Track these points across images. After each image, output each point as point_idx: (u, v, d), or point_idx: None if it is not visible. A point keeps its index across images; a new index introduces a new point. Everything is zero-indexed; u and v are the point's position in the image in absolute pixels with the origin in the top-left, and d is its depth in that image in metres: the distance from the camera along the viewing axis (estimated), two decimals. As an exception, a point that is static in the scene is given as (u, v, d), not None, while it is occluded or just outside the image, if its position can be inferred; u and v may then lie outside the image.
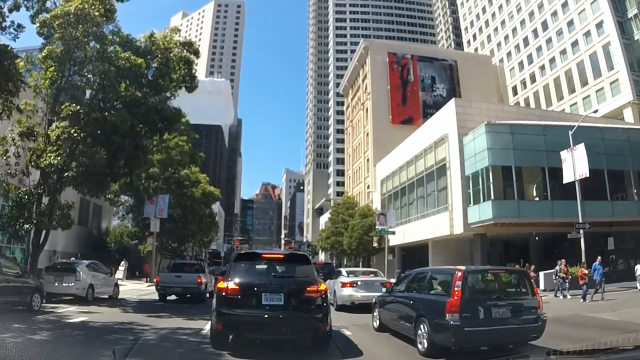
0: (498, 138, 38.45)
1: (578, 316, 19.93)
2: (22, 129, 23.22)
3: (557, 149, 34.87)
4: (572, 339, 12.81)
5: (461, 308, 10.52)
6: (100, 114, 23.88)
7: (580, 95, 68.16)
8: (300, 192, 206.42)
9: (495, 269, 14.67)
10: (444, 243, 45.54)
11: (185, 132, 49.70)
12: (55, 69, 23.57)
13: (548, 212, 37.16)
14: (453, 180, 42.44)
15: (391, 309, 14.15)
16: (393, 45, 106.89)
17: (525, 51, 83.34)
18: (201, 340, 12.76)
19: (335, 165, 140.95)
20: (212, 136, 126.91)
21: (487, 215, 37.42)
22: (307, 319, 11.14)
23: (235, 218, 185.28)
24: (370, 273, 26.48)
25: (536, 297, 11.46)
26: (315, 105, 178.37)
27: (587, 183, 33.44)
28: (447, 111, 44.89)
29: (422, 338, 11.28)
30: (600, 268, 27.16)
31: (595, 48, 65.53)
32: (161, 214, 43.75)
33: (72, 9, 22.50)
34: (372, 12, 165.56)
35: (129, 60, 23.66)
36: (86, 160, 24.38)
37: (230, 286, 11.04)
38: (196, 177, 54.02)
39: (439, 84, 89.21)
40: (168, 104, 27.22)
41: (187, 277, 26.14)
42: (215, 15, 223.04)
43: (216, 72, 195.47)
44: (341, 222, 69.20)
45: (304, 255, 14.19)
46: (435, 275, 13.14)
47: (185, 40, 28.38)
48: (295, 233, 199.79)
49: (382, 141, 73.98)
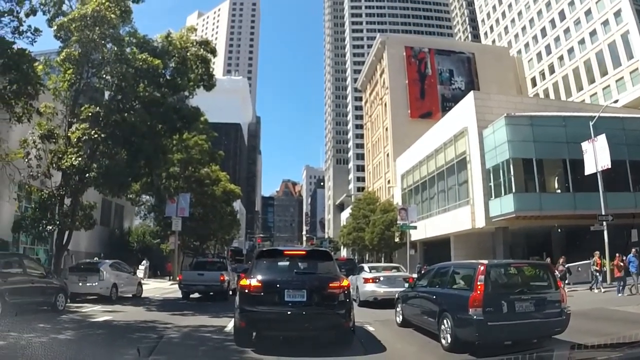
0: (518, 130, 38.12)
1: (603, 310, 19.73)
2: (43, 131, 23.42)
3: (577, 140, 34.38)
4: (597, 333, 12.69)
5: (484, 302, 10.46)
6: (119, 115, 24.09)
7: (600, 85, 67.23)
8: (321, 188, 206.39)
9: (518, 262, 14.54)
10: (465, 237, 45.30)
11: (205, 131, 49.83)
12: (74, 71, 23.76)
13: (570, 205, 36.71)
14: (474, 173, 42.18)
15: (414, 305, 14.12)
16: (410, 39, 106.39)
17: (544, 42, 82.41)
18: (224, 338, 12.82)
19: (355, 160, 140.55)
20: (231, 134, 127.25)
21: (509, 209, 37.14)
22: (330, 315, 11.16)
23: (256, 215, 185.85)
24: (393, 268, 26.47)
25: (560, 290, 11.36)
26: (333, 101, 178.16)
27: (609, 174, 32.95)
28: (466, 104, 44.61)
29: (445, 333, 11.24)
30: (636, 260, 26.52)
31: (614, 37, 64.59)
32: (182, 212, 43.97)
33: (89, 11, 22.65)
34: (387, 6, 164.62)
35: (147, 61, 23.78)
36: (107, 161, 24.60)
37: (253, 283, 11.09)
38: (216, 175, 54.19)
39: (457, 77, 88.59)
40: (186, 104, 27.38)
41: (209, 275, 26.30)
42: (231, 13, 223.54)
43: (233, 70, 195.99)
44: (362, 217, 69.05)
45: (326, 251, 14.22)
46: (457, 269, 13.08)
47: (201, 39, 28.49)
48: (316, 229, 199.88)
49: (401, 136, 73.67)
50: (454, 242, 47.29)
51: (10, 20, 19.87)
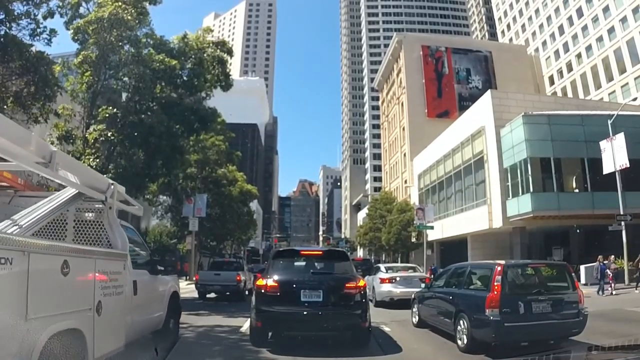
0: (536, 129, 37.90)
1: (621, 311, 19.56)
2: (61, 132, 23.53)
3: (596, 139, 34.10)
4: (615, 334, 12.57)
5: (501, 303, 10.39)
6: (136, 116, 24.24)
7: (619, 83, 66.47)
8: (338, 188, 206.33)
9: (536, 263, 14.42)
10: (483, 237, 45.08)
11: (222, 132, 50.00)
12: (91, 73, 23.88)
13: (588, 204, 36.40)
14: (491, 173, 41.98)
15: (430, 305, 14.08)
16: (426, 38, 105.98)
17: (561, 39, 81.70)
18: (240, 338, 12.87)
19: (372, 160, 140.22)
20: (248, 135, 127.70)
21: (527, 208, 36.93)
22: (347, 315, 11.15)
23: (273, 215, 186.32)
24: (409, 269, 26.42)
25: (577, 291, 11.27)
26: (350, 101, 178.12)
27: (628, 173, 32.63)
28: (484, 103, 44.40)
29: (461, 334, 11.19)
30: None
31: (632, 34, 63.72)
32: (200, 213, 44.17)
33: (106, 14, 22.80)
34: (404, 4, 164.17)
35: (164, 62, 23.92)
36: (124, 162, 24.72)
37: (269, 283, 11.11)
38: (233, 175, 54.35)
39: (474, 75, 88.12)
40: (203, 104, 27.45)
41: (226, 275, 26.39)
42: (247, 14, 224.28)
43: (250, 71, 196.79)
44: (379, 217, 68.97)
45: (342, 251, 14.23)
46: (474, 270, 13.00)
47: (218, 40, 28.62)
48: (333, 229, 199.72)
49: (418, 135, 73.40)
50: (471, 242, 47.07)
51: (28, 23, 20.03)
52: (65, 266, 5.62)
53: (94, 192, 7.66)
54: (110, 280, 7.22)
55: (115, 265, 7.55)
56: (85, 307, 6.23)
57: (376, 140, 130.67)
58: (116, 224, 8.27)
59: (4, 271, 4.41)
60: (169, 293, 10.91)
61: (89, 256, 6.63)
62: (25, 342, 4.73)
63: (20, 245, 4.70)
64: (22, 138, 5.57)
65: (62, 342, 5.47)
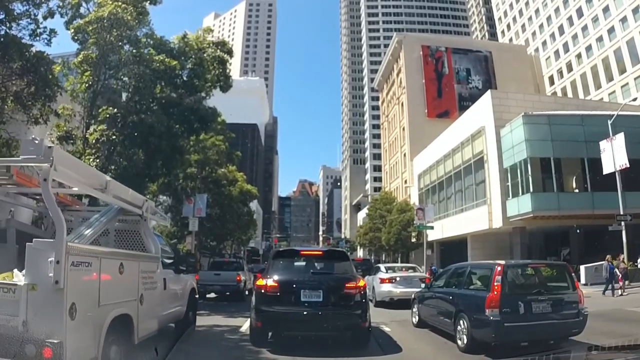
0: (536, 129, 37.91)
1: (621, 311, 19.56)
2: (61, 132, 23.53)
3: (596, 139, 34.10)
4: (615, 334, 12.58)
5: (501, 303, 10.42)
6: (137, 116, 24.25)
7: (619, 83, 66.40)
8: (338, 188, 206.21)
9: (536, 263, 14.43)
10: (483, 237, 45.07)
11: (222, 132, 49.94)
12: (91, 73, 23.88)
13: (588, 204, 36.38)
14: (491, 173, 41.98)
15: (430, 305, 14.11)
16: (426, 38, 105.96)
17: (561, 40, 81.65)
18: (240, 338, 12.91)
19: (372, 160, 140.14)
20: (248, 135, 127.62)
21: (527, 209, 36.93)
22: (346, 315, 11.18)
23: (273, 215, 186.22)
24: (409, 269, 26.46)
25: (577, 291, 11.28)
26: (350, 101, 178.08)
27: (628, 173, 32.62)
28: (484, 103, 44.39)
29: (461, 334, 11.22)
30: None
31: (632, 34, 63.62)
32: (200, 213, 44.10)
33: (106, 14, 22.80)
34: (404, 4, 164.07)
35: (164, 62, 23.97)
36: (124, 162, 24.70)
37: (269, 283, 11.14)
38: (233, 175, 54.29)
39: (474, 75, 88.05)
40: (203, 104, 27.47)
41: (226, 275, 26.45)
42: (247, 14, 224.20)
43: (250, 71, 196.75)
44: (379, 217, 68.95)
45: (342, 251, 14.25)
46: (474, 270, 13.03)
47: (218, 40, 28.67)
48: (333, 229, 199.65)
49: (418, 135, 73.33)
50: (471, 242, 47.06)
51: (28, 23, 20.03)
52: (122, 267, 7.90)
53: (133, 207, 9.80)
54: (149, 277, 9.46)
55: (152, 266, 9.83)
56: (133, 298, 8.41)
57: (376, 140, 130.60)
58: (150, 233, 10.50)
59: (86, 271, 6.67)
60: (189, 289, 13.29)
61: (136, 259, 8.85)
62: (98, 322, 6.91)
63: (96, 253, 7.07)
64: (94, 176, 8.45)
65: (119, 324, 7.53)
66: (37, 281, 5.99)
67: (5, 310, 5.93)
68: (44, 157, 6.35)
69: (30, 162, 6.64)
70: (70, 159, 7.67)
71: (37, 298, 5.93)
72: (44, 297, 5.94)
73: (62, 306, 6.02)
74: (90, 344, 6.70)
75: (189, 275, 13.63)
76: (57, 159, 6.53)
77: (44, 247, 6.19)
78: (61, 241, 6.13)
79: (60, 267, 5.99)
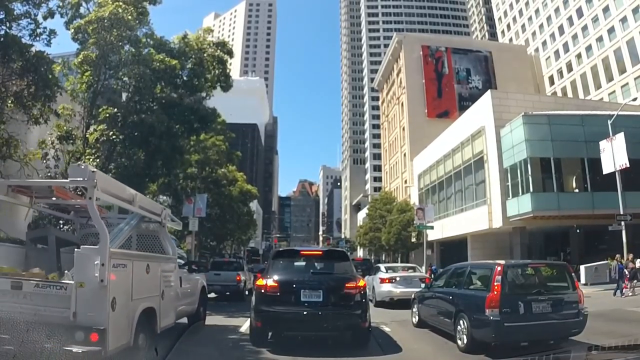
0: (536, 129, 37.89)
1: (621, 311, 19.57)
2: (61, 132, 23.50)
3: (596, 139, 34.02)
4: (615, 334, 12.59)
5: (501, 303, 10.42)
6: (137, 116, 24.23)
7: (619, 83, 66.34)
8: (338, 188, 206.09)
9: (536, 263, 14.44)
10: (483, 237, 45.06)
11: (222, 132, 49.94)
12: (91, 73, 23.86)
13: (588, 204, 36.35)
14: (491, 173, 41.97)
15: (430, 305, 14.11)
16: (426, 38, 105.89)
17: (561, 40, 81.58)
18: (240, 338, 12.94)
19: (372, 160, 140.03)
20: (248, 135, 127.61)
21: (527, 208, 36.92)
22: (346, 315, 11.19)
23: (273, 215, 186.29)
24: (409, 269, 26.43)
25: (577, 291, 11.28)
26: (350, 101, 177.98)
27: (628, 173, 32.57)
28: (484, 103, 44.38)
29: (461, 334, 11.22)
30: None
31: (632, 34, 63.50)
32: (200, 213, 44.05)
33: (106, 14, 22.78)
34: (404, 4, 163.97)
35: (164, 62, 23.96)
36: (124, 162, 24.68)
37: (269, 283, 11.15)
38: (233, 175, 54.27)
39: (474, 75, 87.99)
40: (203, 104, 27.46)
41: (226, 275, 26.42)
42: (247, 14, 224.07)
43: (250, 71, 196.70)
44: (379, 217, 68.95)
45: (342, 251, 14.26)
46: (474, 270, 13.03)
47: (218, 40, 28.68)
48: (333, 229, 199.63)
49: (418, 135, 73.27)
50: (471, 242, 47.06)
51: (28, 23, 20.01)
52: (148, 267, 9.29)
53: (154, 215, 11.22)
54: (168, 276, 10.79)
55: (170, 266, 11.18)
56: (156, 294, 9.73)
57: (376, 140, 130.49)
58: (167, 237, 11.88)
59: (123, 271, 8.08)
60: (200, 287, 14.51)
61: (158, 261, 10.28)
62: (130, 313, 8.27)
63: (129, 256, 8.66)
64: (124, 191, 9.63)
65: (146, 315, 8.88)
66: (85, 280, 7.33)
67: (59, 304, 7.25)
68: (88, 179, 7.86)
69: (78, 184, 8.41)
70: (108, 179, 9.21)
71: (85, 294, 7.27)
72: (90, 293, 7.27)
73: (106, 300, 7.37)
74: (125, 331, 8.06)
75: (200, 274, 15.06)
76: (99, 180, 8.01)
77: (90, 253, 7.57)
78: (105, 247, 7.53)
79: (104, 269, 7.31)
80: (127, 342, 8.10)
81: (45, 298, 7.37)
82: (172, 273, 11.16)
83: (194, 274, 14.13)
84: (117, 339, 7.65)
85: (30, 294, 7.42)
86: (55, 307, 7.26)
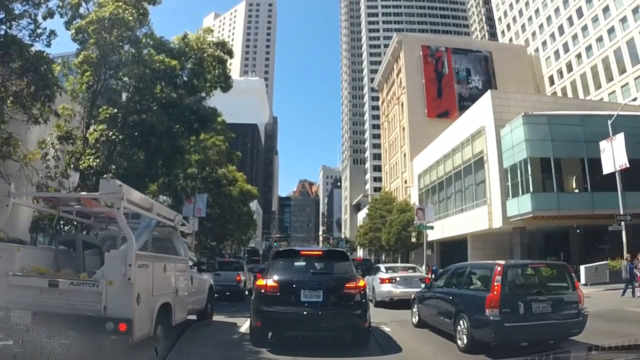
0: (536, 129, 37.88)
1: (621, 311, 19.55)
2: (61, 132, 23.47)
3: (596, 139, 33.98)
4: (615, 334, 12.58)
5: (501, 303, 10.42)
6: (137, 116, 24.24)
7: (619, 83, 66.34)
8: (338, 188, 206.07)
9: (536, 263, 14.43)
10: (483, 237, 45.04)
11: (222, 132, 49.91)
12: (91, 73, 23.83)
13: (588, 204, 36.31)
14: (491, 173, 41.96)
15: (430, 305, 14.10)
16: (426, 38, 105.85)
17: (561, 40, 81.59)
18: (240, 338, 12.94)
19: (372, 160, 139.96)
20: (248, 135, 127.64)
21: (527, 209, 36.91)
22: (346, 315, 11.19)
23: (273, 215, 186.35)
24: (409, 269, 26.41)
25: (577, 291, 11.28)
26: (350, 101, 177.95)
27: (628, 173, 32.54)
28: (484, 103, 44.37)
29: (461, 334, 11.22)
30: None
31: (632, 34, 63.50)
32: (200, 213, 44.07)
33: (107, 14, 22.80)
34: (404, 5, 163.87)
35: (164, 62, 23.96)
36: (124, 162, 24.64)
37: (269, 283, 11.15)
38: (233, 175, 54.24)
39: (474, 75, 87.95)
40: (203, 104, 27.46)
41: (226, 275, 26.38)
42: (247, 14, 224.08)
43: (250, 71, 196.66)
44: (379, 217, 68.94)
45: (342, 251, 14.24)
46: (474, 270, 13.02)
47: (218, 41, 28.67)
48: (333, 229, 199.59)
49: (418, 135, 73.25)
50: (471, 243, 47.04)
51: (28, 23, 19.99)
52: (165, 267, 10.77)
53: (168, 221, 12.41)
54: (181, 275, 12.09)
55: (183, 266, 12.48)
56: (171, 291, 11.05)
57: (376, 140, 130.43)
58: (180, 240, 13.14)
59: (145, 271, 9.39)
60: (208, 285, 15.90)
61: (173, 261, 11.66)
62: (151, 307, 9.58)
63: (151, 258, 10.09)
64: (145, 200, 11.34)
65: (164, 309, 10.20)
66: (114, 278, 8.65)
67: (91, 299, 8.54)
68: (116, 192, 9.34)
69: (107, 197, 9.86)
70: (131, 191, 10.32)
71: (114, 290, 8.57)
72: (119, 289, 8.58)
73: (132, 295, 8.66)
74: (148, 322, 9.38)
75: (208, 274, 16.84)
76: (125, 192, 9.52)
77: (118, 255, 9.06)
78: (132, 250, 8.88)
79: (131, 269, 8.62)
80: (149, 332, 9.35)
81: (79, 294, 8.61)
82: (184, 273, 12.46)
83: (202, 273, 15.45)
84: (141, 329, 8.89)
85: (66, 290, 8.66)
86: (88, 302, 8.53)
